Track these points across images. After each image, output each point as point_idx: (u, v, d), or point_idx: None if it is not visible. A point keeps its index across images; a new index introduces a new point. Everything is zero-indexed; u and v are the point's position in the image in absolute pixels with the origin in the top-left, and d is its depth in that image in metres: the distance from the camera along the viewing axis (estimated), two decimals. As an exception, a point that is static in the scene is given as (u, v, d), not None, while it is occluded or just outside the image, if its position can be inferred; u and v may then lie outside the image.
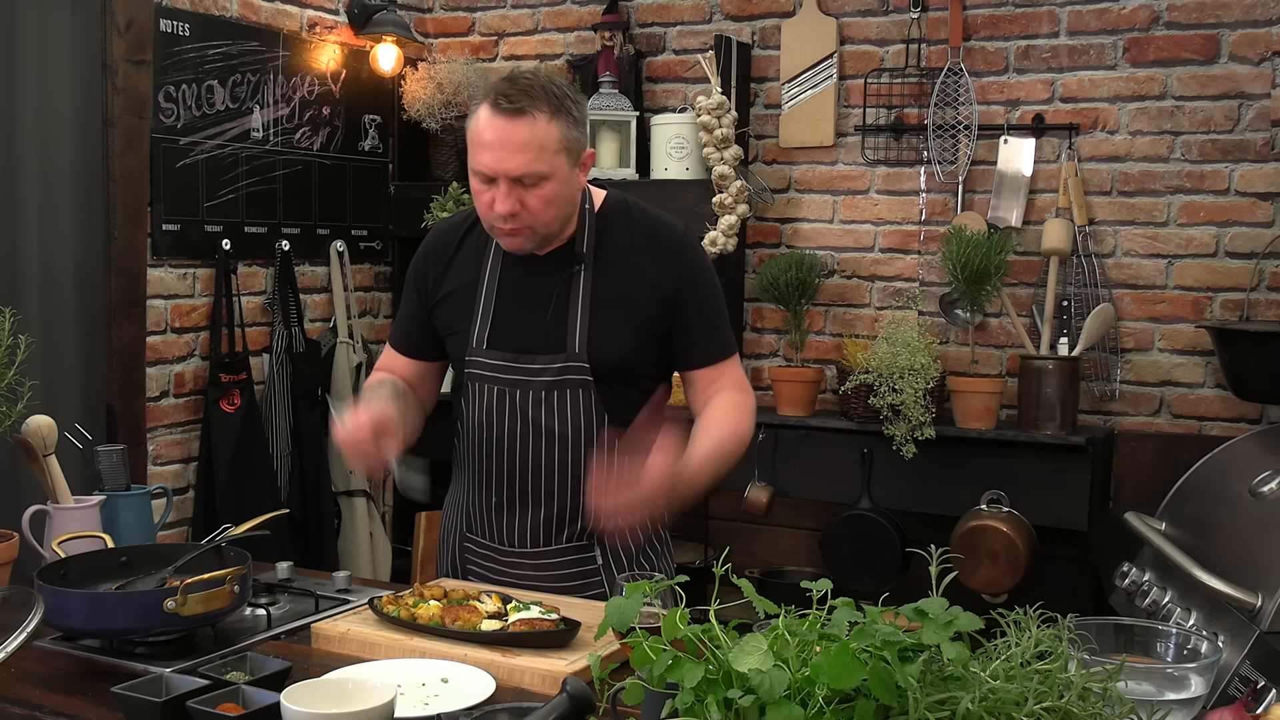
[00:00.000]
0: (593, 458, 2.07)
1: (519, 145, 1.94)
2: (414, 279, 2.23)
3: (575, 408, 2.08)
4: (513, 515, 2.14)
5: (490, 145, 1.95)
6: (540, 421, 2.09)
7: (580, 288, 2.08)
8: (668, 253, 2.11)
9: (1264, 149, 3.28)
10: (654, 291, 2.09)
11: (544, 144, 1.95)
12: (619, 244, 2.11)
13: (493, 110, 1.96)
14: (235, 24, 3.56)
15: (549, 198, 1.99)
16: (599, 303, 2.08)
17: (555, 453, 2.10)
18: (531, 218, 1.99)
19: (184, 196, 3.43)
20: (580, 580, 2.14)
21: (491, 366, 2.11)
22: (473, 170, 2.00)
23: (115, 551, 2.05)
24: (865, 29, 3.73)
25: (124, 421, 3.23)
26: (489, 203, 1.99)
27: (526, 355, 2.09)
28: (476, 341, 2.12)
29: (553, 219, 2.03)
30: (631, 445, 2.01)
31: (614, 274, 2.10)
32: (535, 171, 1.95)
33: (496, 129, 1.95)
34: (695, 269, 2.13)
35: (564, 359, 2.07)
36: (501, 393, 2.11)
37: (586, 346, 2.06)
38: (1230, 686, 2.23)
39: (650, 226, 2.14)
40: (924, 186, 3.67)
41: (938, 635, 1.16)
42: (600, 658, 1.35)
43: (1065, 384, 3.29)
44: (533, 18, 4.19)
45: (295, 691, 1.45)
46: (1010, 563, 3.21)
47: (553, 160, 1.97)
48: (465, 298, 2.15)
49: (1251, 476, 2.64)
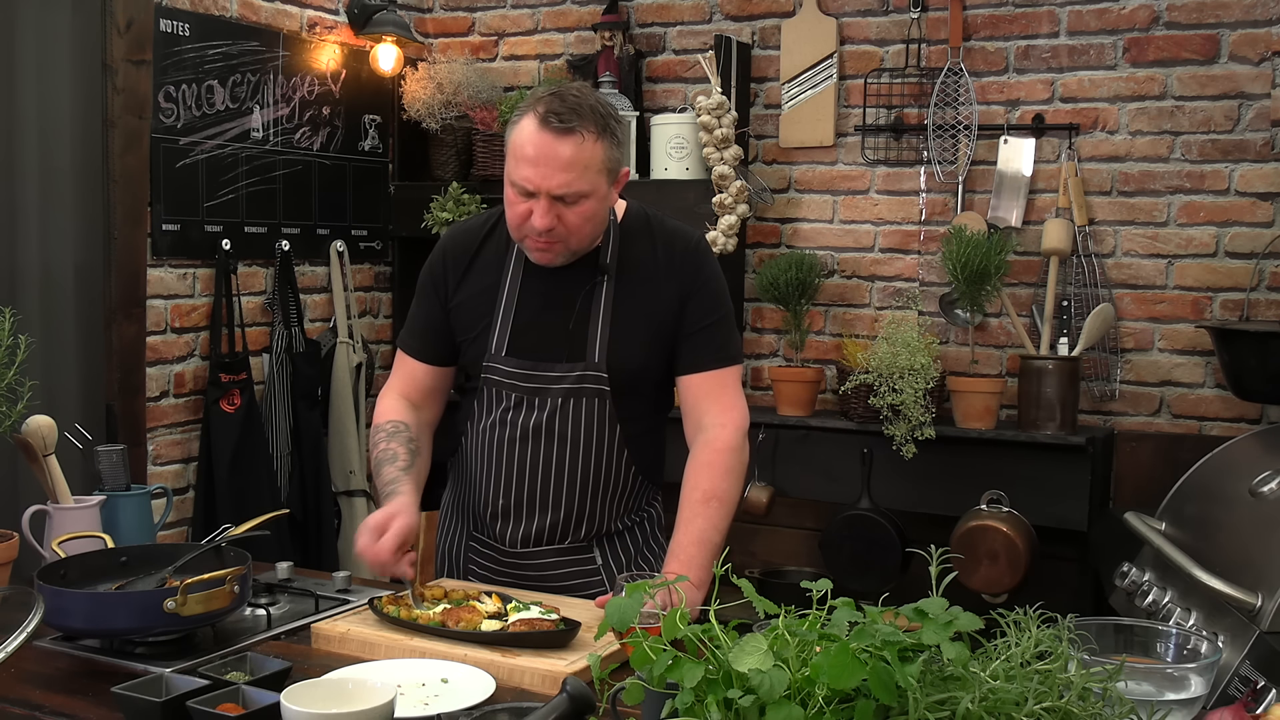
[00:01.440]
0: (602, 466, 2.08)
1: (564, 164, 1.94)
2: (431, 282, 2.21)
3: (590, 416, 2.09)
4: (519, 519, 2.14)
5: (535, 161, 1.95)
6: (554, 429, 2.10)
7: (602, 299, 2.09)
8: (683, 260, 2.13)
9: (1264, 149, 3.28)
10: (671, 302, 2.10)
11: (588, 164, 1.96)
12: (641, 256, 2.12)
13: (541, 125, 1.95)
14: (235, 24, 3.56)
15: (587, 215, 2.00)
16: (620, 314, 2.09)
17: (566, 460, 2.11)
18: (567, 233, 2.00)
19: (184, 196, 3.43)
20: (579, 580, 2.15)
21: (509, 374, 2.11)
22: (512, 181, 1.99)
23: (115, 551, 2.04)
24: (865, 29, 3.73)
25: (124, 421, 3.23)
26: (524, 215, 1.99)
27: (545, 364, 2.09)
28: (496, 348, 2.12)
29: (588, 235, 2.04)
30: None
31: (635, 286, 2.11)
32: (577, 190, 1.96)
33: (543, 145, 1.95)
34: (705, 274, 2.14)
35: (583, 368, 2.08)
36: (519, 399, 2.11)
37: (606, 357, 2.07)
38: (1230, 686, 2.23)
39: (668, 237, 2.15)
40: (924, 186, 3.67)
41: (938, 635, 1.16)
42: (600, 658, 1.35)
43: (1065, 384, 3.29)
44: (533, 18, 4.19)
45: (295, 691, 1.45)
46: (1010, 563, 3.21)
47: (595, 180, 1.98)
48: (484, 303, 2.14)
49: (1251, 476, 2.64)
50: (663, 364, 2.14)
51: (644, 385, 2.13)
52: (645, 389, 2.14)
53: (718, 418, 2.11)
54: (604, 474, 2.12)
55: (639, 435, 2.15)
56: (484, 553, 2.21)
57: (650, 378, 2.14)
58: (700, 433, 2.12)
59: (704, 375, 2.12)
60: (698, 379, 2.13)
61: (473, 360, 2.16)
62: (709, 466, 2.07)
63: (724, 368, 2.13)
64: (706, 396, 2.12)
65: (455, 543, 2.26)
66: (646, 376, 2.13)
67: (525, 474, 2.12)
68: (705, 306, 2.12)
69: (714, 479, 2.06)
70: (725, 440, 2.09)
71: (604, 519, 2.16)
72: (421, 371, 2.23)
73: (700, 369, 2.12)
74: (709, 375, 2.12)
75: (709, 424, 2.11)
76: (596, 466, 2.11)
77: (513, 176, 1.99)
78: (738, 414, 2.13)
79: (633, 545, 2.20)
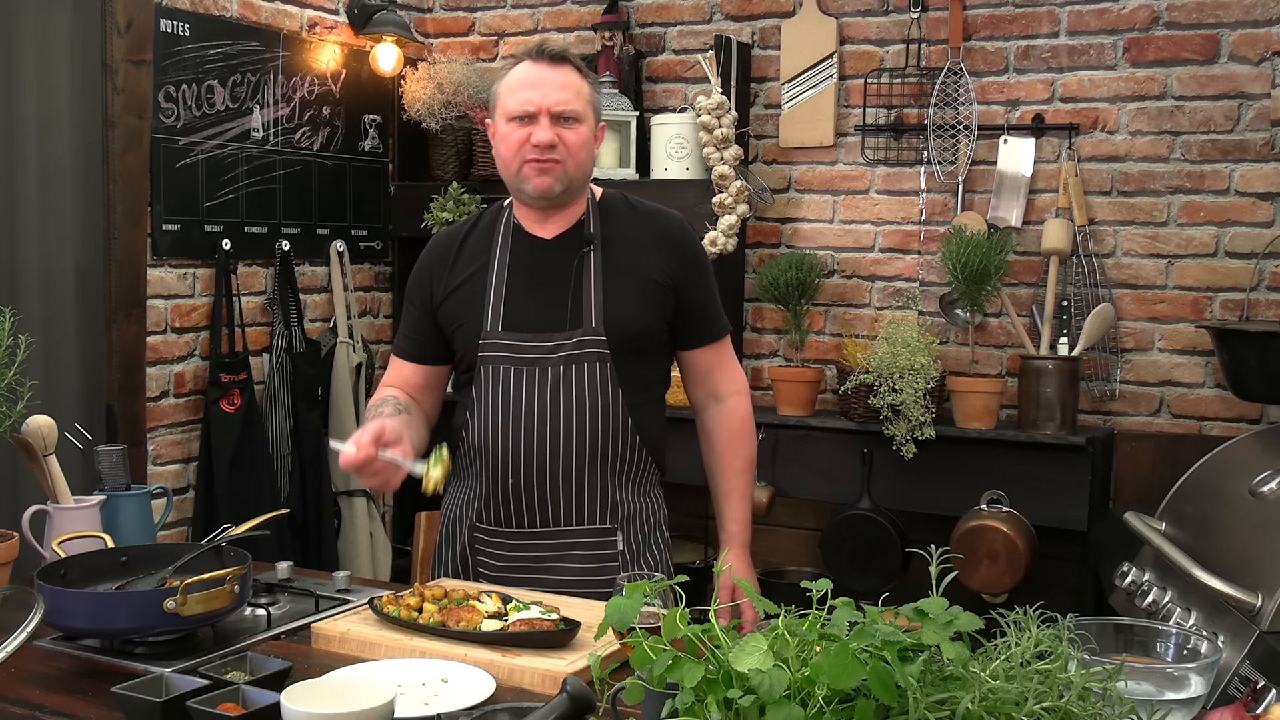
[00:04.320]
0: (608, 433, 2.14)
1: (560, 84, 2.13)
2: (415, 287, 2.28)
3: (592, 381, 2.13)
4: (529, 494, 2.15)
5: (534, 84, 2.12)
6: (557, 397, 2.13)
7: (592, 266, 2.17)
8: (670, 237, 2.24)
9: (1264, 149, 3.28)
10: (659, 270, 2.19)
11: (579, 90, 2.15)
12: (623, 227, 2.22)
13: (535, 60, 2.15)
14: (235, 24, 3.56)
15: (582, 141, 2.14)
16: (611, 279, 2.16)
17: (572, 427, 2.13)
18: (566, 153, 2.13)
19: (184, 196, 3.43)
20: (598, 564, 2.15)
21: (506, 348, 2.15)
22: (507, 115, 2.14)
23: (115, 551, 2.05)
24: (865, 29, 3.73)
25: (124, 421, 3.23)
26: (523, 139, 2.12)
27: (543, 334, 2.14)
28: (491, 324, 2.16)
29: (582, 161, 2.16)
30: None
31: (622, 252, 2.19)
32: (573, 110, 2.13)
33: (538, 72, 2.13)
34: (696, 254, 2.27)
35: (581, 333, 2.13)
36: (518, 373, 2.14)
37: (603, 319, 2.13)
38: (1230, 686, 2.23)
39: (650, 211, 2.28)
40: (924, 186, 3.67)
41: (938, 635, 1.16)
42: (600, 658, 1.35)
43: (1065, 384, 3.29)
44: (533, 18, 4.19)
45: (295, 691, 1.45)
46: (1010, 563, 3.21)
47: (585, 108, 2.15)
48: (474, 287, 2.20)
49: (1251, 476, 2.64)
50: (657, 329, 2.20)
51: (641, 349, 2.19)
52: (643, 355, 2.20)
53: (730, 385, 2.30)
54: (610, 441, 2.15)
55: (641, 405, 2.19)
56: (494, 540, 2.19)
57: (647, 342, 2.20)
58: (717, 402, 2.30)
59: (709, 348, 2.28)
60: (704, 352, 2.28)
61: (468, 342, 2.18)
62: (741, 436, 2.30)
63: (724, 338, 2.30)
64: (717, 367, 2.29)
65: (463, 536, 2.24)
66: (644, 340, 2.19)
67: (532, 445, 2.13)
68: (701, 282, 2.25)
69: (750, 447, 2.31)
70: (745, 408, 2.32)
71: (613, 491, 2.16)
72: (411, 370, 2.29)
73: (705, 342, 2.27)
74: (713, 348, 2.28)
75: (725, 393, 2.30)
76: (604, 433, 2.14)
77: (509, 105, 2.14)
78: (744, 381, 2.35)
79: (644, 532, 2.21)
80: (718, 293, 2.30)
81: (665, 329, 2.21)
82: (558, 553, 2.16)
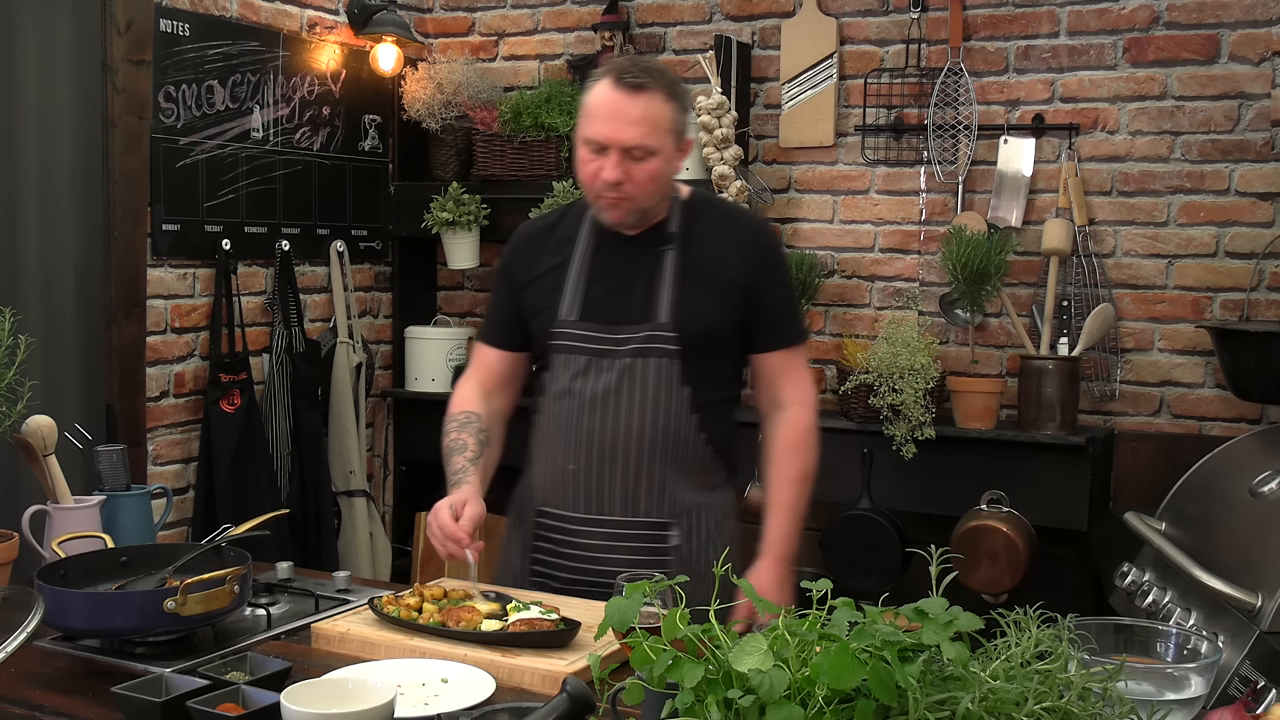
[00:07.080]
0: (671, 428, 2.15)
1: (635, 119, 2.07)
2: (504, 270, 2.32)
3: (658, 376, 2.15)
4: (590, 479, 2.18)
5: (607, 116, 2.08)
6: (622, 390, 2.15)
7: (668, 264, 2.18)
8: (752, 239, 2.25)
9: (1264, 149, 3.28)
10: (737, 271, 2.20)
11: (657, 121, 2.09)
12: (705, 227, 2.23)
13: (614, 84, 2.09)
14: (235, 24, 3.56)
15: (653, 173, 2.11)
16: (686, 278, 2.18)
17: (634, 419, 2.15)
18: (634, 189, 2.11)
19: (184, 196, 3.43)
20: (651, 557, 2.16)
21: (578, 337, 2.19)
22: (584, 139, 2.12)
23: (115, 551, 2.05)
24: (865, 29, 3.72)
25: (124, 421, 3.23)
26: (595, 172, 2.11)
27: (614, 326, 2.17)
28: (566, 313, 2.20)
29: (653, 194, 2.14)
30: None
31: (701, 252, 2.20)
32: (646, 146, 2.08)
33: (615, 102, 2.08)
34: (775, 258, 2.28)
35: (650, 328, 2.15)
36: (587, 364, 2.18)
37: (673, 315, 2.15)
38: (1230, 686, 2.23)
39: (734, 212, 2.32)
40: (924, 186, 3.67)
41: (938, 635, 1.16)
42: (600, 658, 1.35)
43: (1065, 384, 3.29)
44: (533, 18, 4.19)
45: (295, 691, 1.45)
46: (1010, 563, 3.21)
47: (662, 138, 2.10)
48: (555, 277, 2.24)
49: (1251, 476, 2.64)
50: (731, 330, 2.21)
51: (712, 349, 2.20)
52: (714, 354, 2.20)
53: (795, 395, 2.27)
54: (673, 436, 2.16)
55: (710, 404, 2.20)
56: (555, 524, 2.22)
57: (719, 342, 2.20)
58: (780, 410, 2.27)
59: (780, 353, 2.25)
60: (774, 357, 2.25)
61: (543, 329, 2.22)
62: (797, 447, 2.25)
63: (798, 345, 2.28)
64: (783, 374, 2.26)
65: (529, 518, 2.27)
66: (715, 340, 2.19)
67: (595, 431, 2.16)
68: (777, 286, 2.24)
69: (806, 459, 2.26)
70: (807, 420, 2.27)
71: (672, 486, 2.18)
72: (494, 358, 2.32)
73: (776, 347, 2.25)
74: (784, 353, 2.26)
75: (788, 401, 2.26)
76: (665, 428, 2.15)
77: (585, 134, 2.11)
78: (812, 393, 2.31)
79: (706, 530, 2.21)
80: (798, 301, 2.28)
81: (738, 329, 2.22)
82: (611, 542, 2.18)
